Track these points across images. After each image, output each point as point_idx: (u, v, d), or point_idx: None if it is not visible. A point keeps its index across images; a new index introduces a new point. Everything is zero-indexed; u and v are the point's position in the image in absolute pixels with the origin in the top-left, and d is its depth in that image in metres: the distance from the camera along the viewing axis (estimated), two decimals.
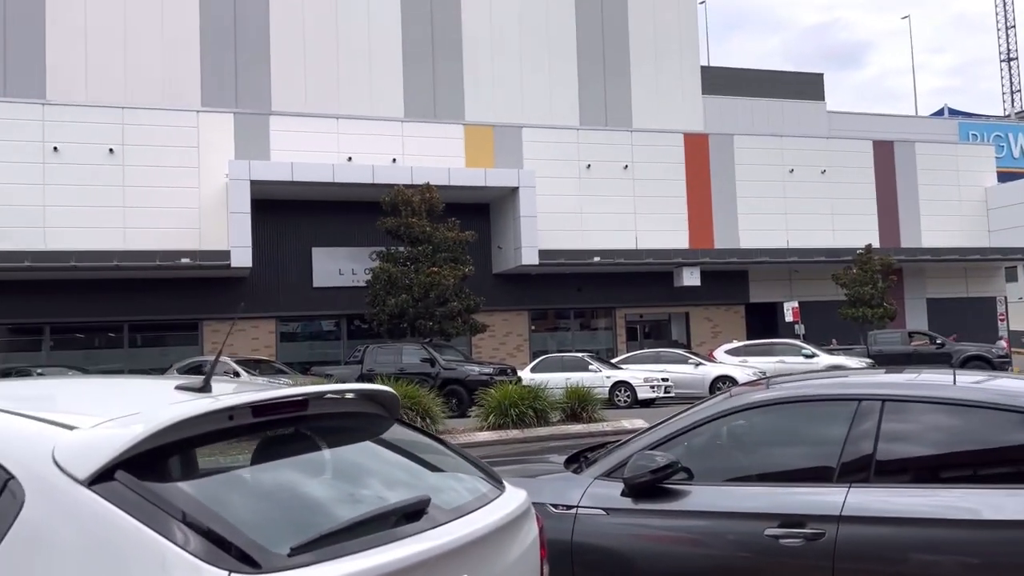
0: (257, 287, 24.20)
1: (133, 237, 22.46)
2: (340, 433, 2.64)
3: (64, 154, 22.45)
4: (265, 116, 25.10)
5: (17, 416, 2.17)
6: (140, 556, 1.81)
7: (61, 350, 23.58)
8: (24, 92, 24.58)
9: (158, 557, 1.80)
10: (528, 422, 12.69)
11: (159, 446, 2.02)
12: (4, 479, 1.98)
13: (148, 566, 1.80)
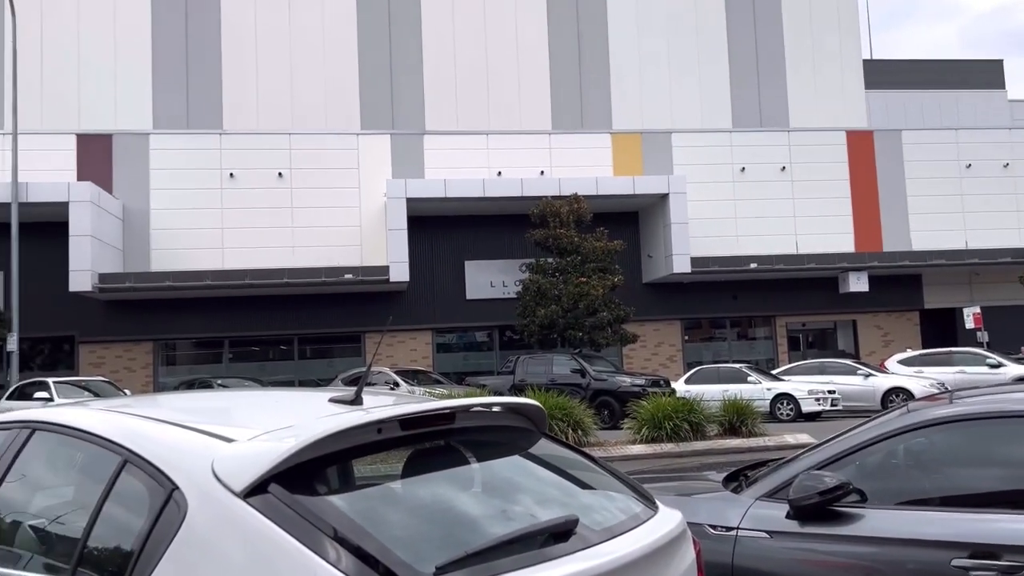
0: (414, 300, 25.06)
1: (301, 255, 23.87)
2: (487, 447, 2.60)
3: (239, 179, 24.21)
4: (419, 136, 26.02)
5: (182, 428, 2.27)
6: (290, 570, 1.83)
7: (239, 362, 25.37)
8: (204, 124, 26.76)
9: (308, 572, 1.81)
10: (683, 436, 12.33)
11: (311, 459, 2.04)
12: (170, 489, 2.06)
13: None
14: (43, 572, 2.25)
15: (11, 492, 2.57)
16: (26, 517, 2.58)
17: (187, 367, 25.35)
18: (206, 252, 23.68)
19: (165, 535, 1.99)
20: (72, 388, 17.82)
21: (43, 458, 2.64)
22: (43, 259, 21.87)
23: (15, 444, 2.61)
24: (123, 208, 23.80)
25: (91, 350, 23.93)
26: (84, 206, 21.46)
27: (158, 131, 25.37)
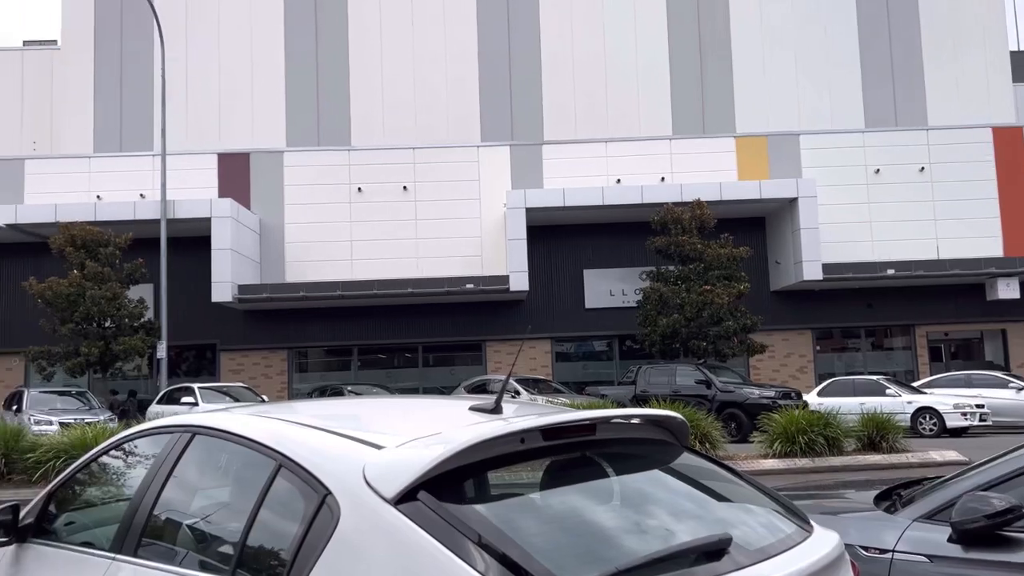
0: (533, 309, 25.17)
1: (425, 265, 24.45)
2: (627, 459, 2.54)
3: (366, 193, 25.07)
4: (538, 146, 26.18)
5: (332, 434, 2.33)
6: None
7: (366, 369, 26.22)
8: (333, 141, 27.90)
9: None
10: (818, 450, 11.78)
11: (457, 467, 2.05)
12: (323, 495, 2.11)
13: None
14: (204, 571, 2.35)
15: (174, 492, 2.71)
16: (188, 517, 2.71)
17: (319, 374, 26.42)
18: (336, 264, 24.63)
19: (319, 540, 2.03)
20: (215, 393, 18.89)
21: (203, 461, 2.77)
22: (188, 272, 23.33)
23: (178, 447, 2.76)
24: (260, 222, 25.10)
25: (231, 357, 25.32)
26: (225, 221, 22.77)
27: (291, 148, 26.64)
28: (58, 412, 17.64)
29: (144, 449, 3.16)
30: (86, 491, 3.44)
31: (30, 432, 13.06)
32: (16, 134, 29.16)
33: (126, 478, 3.25)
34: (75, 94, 28.78)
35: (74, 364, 20.62)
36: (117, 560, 2.64)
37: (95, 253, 20.96)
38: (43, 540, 3.23)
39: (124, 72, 28.71)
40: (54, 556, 3.06)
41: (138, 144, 27.39)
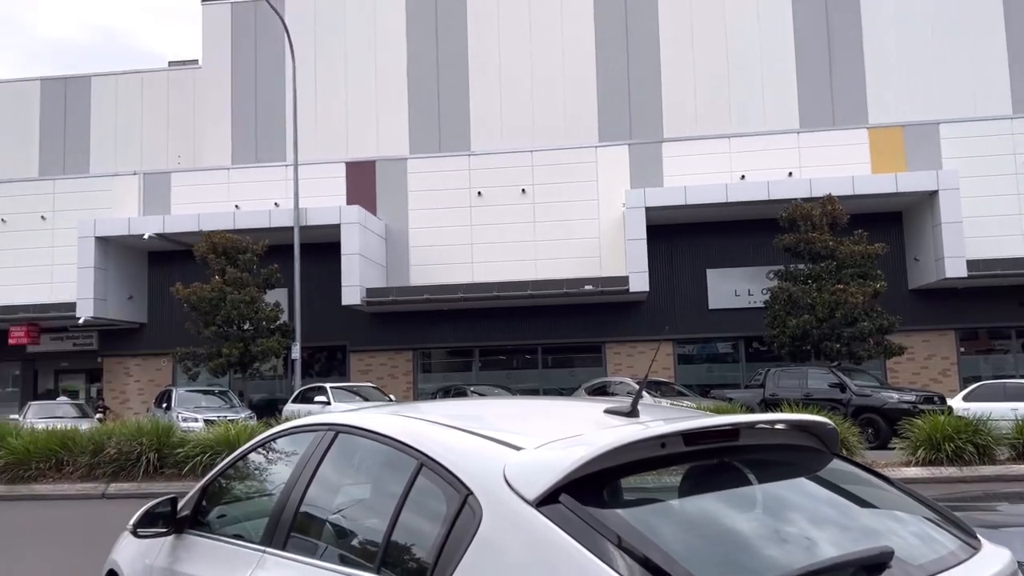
0: (654, 310, 24.80)
1: (543, 267, 24.54)
2: (771, 466, 2.43)
3: (486, 197, 25.40)
4: (657, 144, 25.77)
5: (471, 435, 2.34)
6: None
7: (487, 370, 26.56)
8: (454, 147, 28.45)
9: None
10: (967, 459, 11.01)
11: (596, 471, 2.01)
12: (464, 494, 2.12)
13: None
14: (349, 567, 2.41)
15: (320, 489, 2.80)
16: (333, 513, 2.80)
17: (441, 374, 26.98)
18: (458, 266, 25.09)
19: (461, 540, 2.05)
20: (345, 393, 19.61)
21: (346, 458, 2.86)
22: (320, 276, 24.33)
23: (322, 445, 2.85)
24: (386, 228, 25.89)
25: (360, 358, 26.23)
26: (353, 227, 23.62)
27: (414, 155, 27.34)
28: (203, 410, 18.78)
29: (289, 447, 3.29)
30: (236, 486, 3.61)
31: (179, 429, 13.95)
32: (163, 150, 31.30)
33: (273, 474, 3.39)
34: (214, 110, 30.60)
35: (217, 364, 21.87)
36: (267, 553, 2.75)
37: (235, 259, 22.18)
38: (198, 532, 3.42)
39: (259, 88, 30.30)
40: (209, 547, 3.22)
41: (272, 155, 28.83)
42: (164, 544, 3.53)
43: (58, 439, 13.11)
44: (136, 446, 12.60)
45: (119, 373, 27.03)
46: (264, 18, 29.28)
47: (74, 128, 31.96)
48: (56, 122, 31.91)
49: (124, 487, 12.36)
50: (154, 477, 12.52)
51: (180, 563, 3.33)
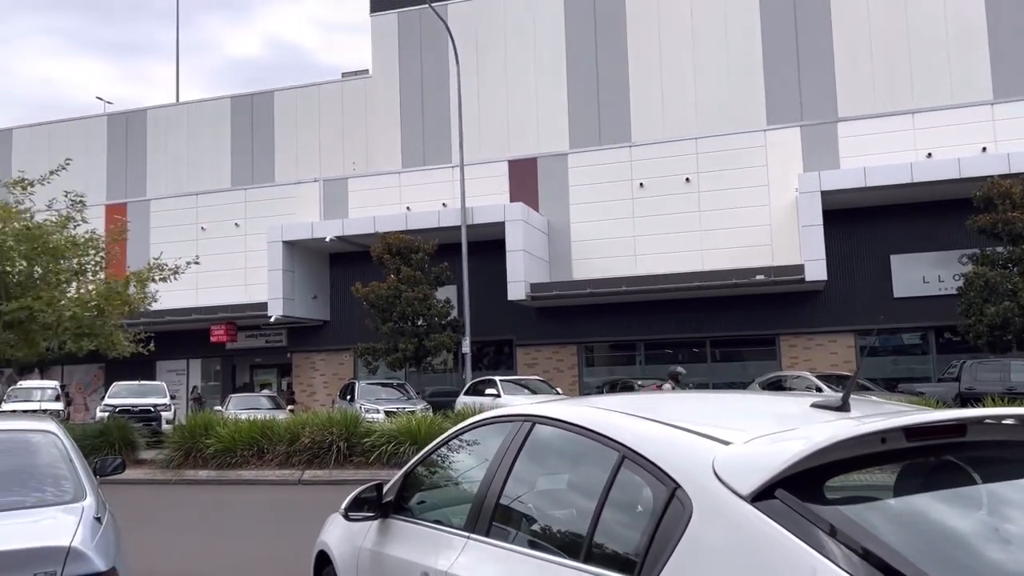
0: (832, 300, 23.55)
1: (710, 258, 23.91)
2: (998, 464, 2.27)
3: (648, 188, 25.08)
4: (832, 124, 24.43)
5: (674, 428, 2.33)
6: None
7: (652, 364, 26.21)
8: (614, 139, 28.26)
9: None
10: None
11: (812, 467, 1.96)
12: (671, 488, 2.12)
13: None
14: (552, 556, 2.47)
15: (519, 478, 2.89)
16: (533, 503, 2.88)
17: (606, 368, 26.95)
18: (620, 259, 24.95)
19: (671, 534, 2.05)
20: (514, 386, 20.02)
21: (543, 449, 2.93)
22: (486, 273, 24.94)
23: (519, 435, 2.94)
24: (548, 223, 26.17)
25: (526, 352, 26.68)
26: (517, 224, 24.05)
27: (575, 150, 27.44)
28: (383, 401, 19.79)
29: (485, 437, 3.42)
30: (435, 474, 3.79)
31: (363, 419, 14.79)
32: (339, 157, 33.17)
33: (470, 463, 3.54)
34: (385, 117, 32.09)
35: (394, 359, 22.96)
36: (472, 539, 2.87)
37: (408, 259, 23.18)
38: (401, 516, 3.62)
39: (425, 93, 31.47)
40: (413, 532, 3.40)
41: (439, 158, 29.85)
42: (371, 528, 3.76)
43: (258, 429, 14.27)
44: (327, 435, 13.48)
45: (306, 367, 28.99)
46: (429, 25, 30.36)
47: (260, 140, 34.55)
48: (244, 136, 34.61)
49: (318, 474, 13.27)
50: (344, 465, 13.34)
51: (387, 546, 3.54)
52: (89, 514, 3.54)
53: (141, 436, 16.85)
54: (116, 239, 18.64)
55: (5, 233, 15.54)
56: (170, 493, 13.07)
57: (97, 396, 26.95)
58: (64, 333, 16.06)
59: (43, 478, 3.87)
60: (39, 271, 16.08)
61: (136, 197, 32.30)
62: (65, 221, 16.68)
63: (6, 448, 4.12)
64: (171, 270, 17.85)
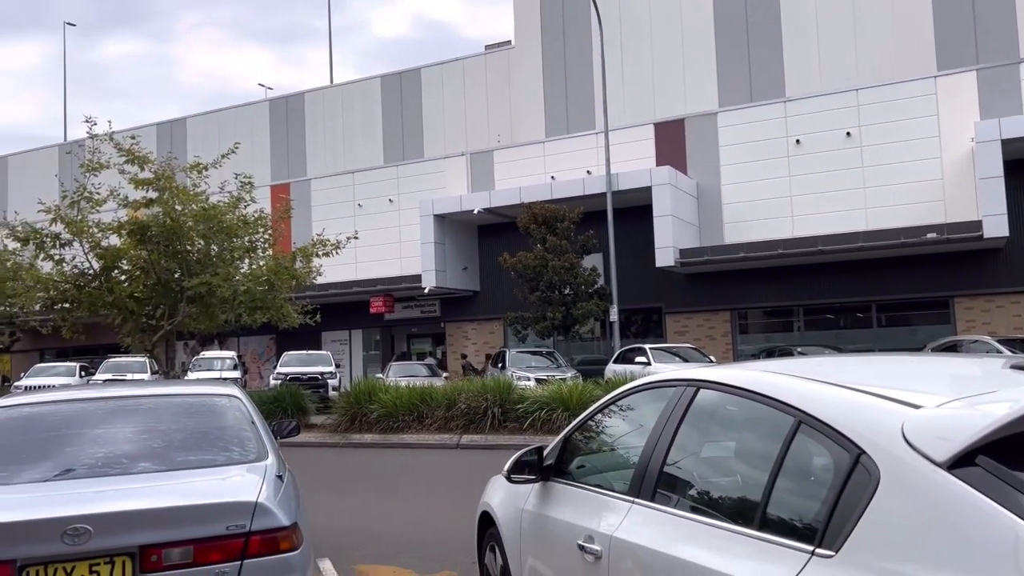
0: (1013, 258, 21.59)
1: (874, 216, 22.47)
2: None
3: (805, 145, 23.82)
4: (1014, 65, 22.21)
5: (853, 391, 2.19)
6: (1001, 549, 1.61)
7: (811, 331, 25.07)
8: (767, 95, 27.01)
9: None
10: None
11: (1018, 432, 1.78)
12: (855, 454, 1.99)
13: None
14: (724, 522, 2.39)
15: (684, 443, 2.82)
16: (700, 469, 2.81)
17: (761, 335, 26.03)
18: (776, 221, 23.92)
19: (855, 502, 1.93)
20: (664, 354, 19.74)
21: (709, 414, 2.84)
22: (633, 240, 24.62)
23: (683, 400, 2.87)
24: (696, 186, 25.44)
25: (676, 319, 26.20)
26: (664, 189, 23.53)
27: (724, 108, 26.43)
28: (533, 369, 20.07)
29: (646, 402, 3.36)
30: (594, 439, 3.78)
31: (515, 387, 15.06)
32: (484, 130, 33.64)
33: (631, 428, 3.50)
34: (528, 87, 32.17)
35: (542, 327, 23.20)
36: (637, 504, 2.84)
37: (554, 228, 23.25)
38: (561, 480, 3.64)
39: (568, 60, 31.26)
40: (575, 495, 3.41)
41: (582, 125, 29.64)
42: (532, 490, 3.81)
43: (418, 395, 14.85)
44: (482, 402, 13.84)
45: (459, 336, 29.84)
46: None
47: (409, 117, 35.56)
48: (394, 113, 35.73)
49: (474, 438, 13.66)
50: (499, 430, 13.67)
51: (548, 508, 3.57)
52: (272, 472, 3.79)
53: (311, 402, 17.94)
54: (282, 217, 19.78)
55: (185, 215, 16.84)
56: (338, 455, 13.86)
57: (270, 365, 28.95)
58: (239, 306, 17.29)
59: (229, 439, 4.17)
60: (215, 249, 17.34)
61: (298, 177, 34.14)
62: (236, 202, 17.87)
63: (196, 411, 4.47)
64: (333, 245, 18.77)
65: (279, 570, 3.35)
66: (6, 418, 4.15)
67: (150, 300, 17.57)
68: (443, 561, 6.34)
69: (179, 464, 3.86)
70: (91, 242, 17.01)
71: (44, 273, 17.98)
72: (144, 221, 16.62)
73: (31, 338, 30.79)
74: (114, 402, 4.56)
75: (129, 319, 17.61)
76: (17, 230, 17.33)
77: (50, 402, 4.45)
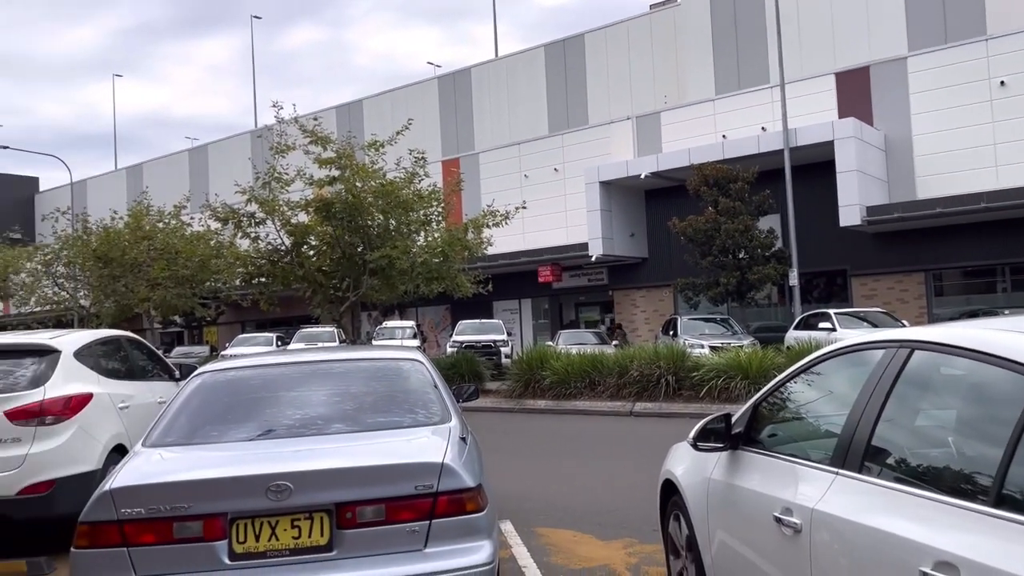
0: None
1: None
2: None
3: (1011, 87, 21.45)
4: None
5: None
6: None
7: (1019, 291, 22.70)
8: (964, 34, 24.46)
9: None
10: None
11: None
12: None
13: None
14: (952, 497, 2.13)
15: (896, 410, 2.56)
16: (917, 437, 2.55)
17: (961, 297, 23.90)
18: (976, 172, 21.76)
19: None
20: (850, 319, 18.54)
21: (927, 378, 2.57)
22: (812, 198, 23.22)
23: (894, 363, 2.60)
24: (884, 138, 23.59)
25: (862, 282, 24.55)
26: (848, 142, 21.99)
27: (915, 52, 24.24)
28: (707, 336, 19.49)
29: (846, 367, 3.10)
30: (787, 406, 3.54)
31: (688, 354, 14.70)
32: (650, 92, 32.79)
33: (829, 394, 3.24)
34: (695, 44, 30.99)
35: (715, 293, 22.48)
36: (841, 475, 2.61)
37: (726, 189, 22.36)
38: (752, 448, 3.45)
39: (738, 13, 29.79)
40: (769, 465, 3.21)
41: (755, 80, 28.21)
42: (719, 459, 3.64)
43: (589, 362, 14.84)
44: (655, 369, 13.62)
45: (627, 304, 29.55)
46: None
47: (573, 84, 35.31)
48: (558, 81, 35.59)
49: (648, 406, 13.49)
50: (673, 398, 13.41)
51: (739, 478, 3.39)
52: (455, 434, 3.85)
53: (485, 368, 18.43)
54: (453, 191, 20.32)
55: (365, 191, 17.67)
56: (513, 420, 14.15)
57: (446, 333, 30.01)
58: (417, 277, 18.01)
59: (414, 402, 4.29)
60: (393, 223, 18.10)
61: (466, 151, 34.90)
62: (411, 177, 18.53)
63: (383, 375, 4.63)
64: (502, 216, 19.08)
65: (466, 531, 3.39)
66: (214, 382, 4.47)
67: (336, 273, 18.66)
68: (623, 527, 6.28)
69: (369, 425, 4.01)
70: (282, 220, 18.24)
71: (242, 250, 19.51)
72: (328, 199, 17.60)
73: (234, 311, 33.62)
74: (308, 366, 4.81)
75: (318, 291, 18.80)
76: (217, 211, 18.88)
77: (252, 367, 4.76)
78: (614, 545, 5.83)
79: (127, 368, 7.40)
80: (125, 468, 3.58)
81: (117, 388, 6.75)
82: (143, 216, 25.86)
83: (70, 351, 6.41)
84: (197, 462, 3.68)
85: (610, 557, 5.53)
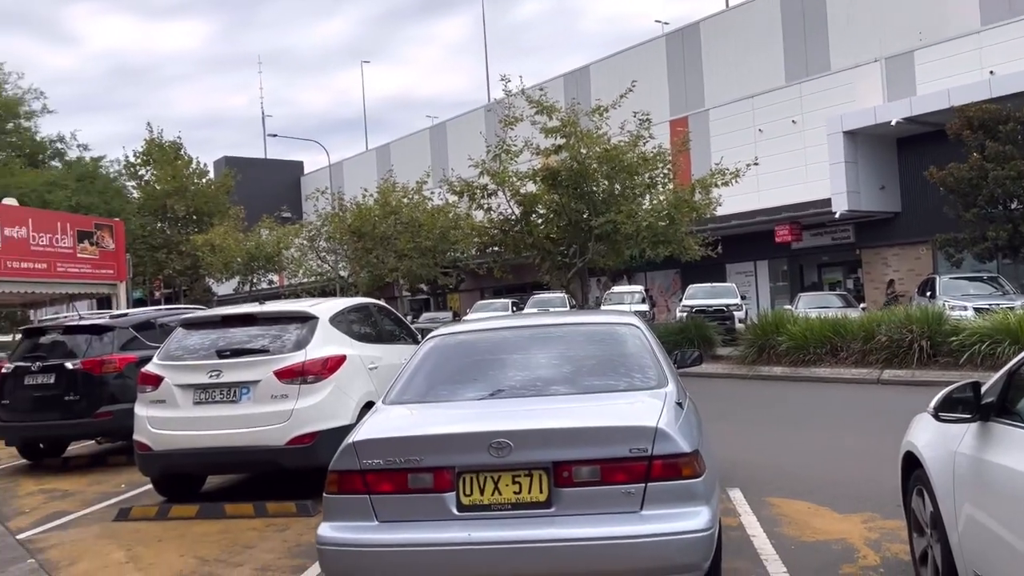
0: None
1: None
2: None
3: None
4: None
5: None
6: None
7: None
8: None
9: None
10: None
11: None
12: None
13: None
14: None
15: None
16: None
17: None
18: None
19: None
20: None
21: None
22: None
23: None
24: None
25: None
26: None
27: None
28: (971, 298, 17.52)
29: None
30: None
31: (948, 317, 13.32)
32: (902, 30, 29.68)
33: None
34: None
35: (982, 249, 20.10)
36: None
37: (994, 132, 19.80)
38: (1007, 420, 3.08)
39: None
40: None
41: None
42: (968, 431, 3.30)
43: (830, 327, 13.94)
44: (906, 334, 12.52)
45: (876, 263, 27.29)
46: None
47: (812, 29, 32.82)
48: (796, 27, 33.24)
49: (898, 374, 12.44)
50: (928, 365, 12.26)
51: (992, 453, 3.05)
52: (671, 399, 3.81)
53: (717, 334, 17.92)
54: (680, 151, 19.84)
55: (590, 157, 17.76)
56: (746, 387, 13.68)
57: (675, 298, 29.53)
58: (643, 241, 17.87)
59: (630, 366, 4.30)
60: (618, 188, 18.06)
61: (695, 109, 33.82)
62: (635, 140, 18.33)
63: (600, 338, 4.69)
64: (732, 174, 18.35)
65: (682, 496, 3.36)
66: (445, 345, 4.77)
67: (563, 240, 19.01)
68: (862, 501, 5.89)
69: (586, 388, 4.09)
70: (511, 190, 18.87)
71: (477, 221, 20.46)
72: (554, 167, 17.92)
73: (472, 279, 35.41)
74: (530, 331, 4.99)
75: (547, 258, 19.30)
76: (454, 185, 19.93)
77: (479, 331, 5.01)
78: (852, 519, 5.48)
79: (376, 332, 8.08)
80: (367, 423, 3.94)
81: (367, 351, 7.40)
82: (390, 192, 27.92)
83: (326, 318, 7.12)
84: (429, 419, 3.97)
85: (848, 531, 5.21)
